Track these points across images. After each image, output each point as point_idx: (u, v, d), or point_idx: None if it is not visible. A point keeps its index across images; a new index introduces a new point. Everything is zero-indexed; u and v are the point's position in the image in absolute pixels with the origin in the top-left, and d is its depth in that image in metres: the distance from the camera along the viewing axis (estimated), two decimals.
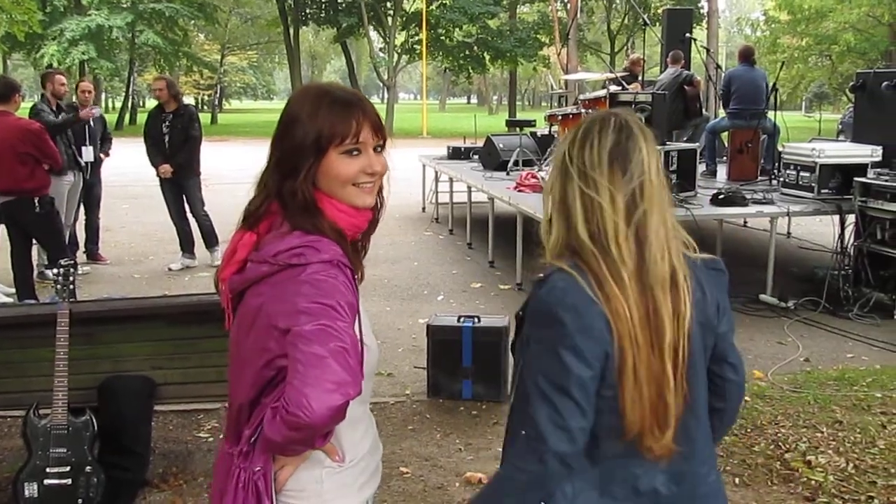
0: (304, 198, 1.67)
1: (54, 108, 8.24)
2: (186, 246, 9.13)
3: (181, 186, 8.91)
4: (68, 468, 3.57)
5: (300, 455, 1.70)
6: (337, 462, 1.74)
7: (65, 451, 3.58)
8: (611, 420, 1.66)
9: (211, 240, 8.96)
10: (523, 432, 1.64)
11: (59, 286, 3.64)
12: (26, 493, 3.53)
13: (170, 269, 8.92)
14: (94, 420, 3.67)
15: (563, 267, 1.66)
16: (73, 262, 3.75)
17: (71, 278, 3.64)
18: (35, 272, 8.33)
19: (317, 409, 1.49)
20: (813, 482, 4.08)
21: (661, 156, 1.74)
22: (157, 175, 8.87)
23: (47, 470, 3.55)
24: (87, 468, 3.59)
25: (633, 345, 1.62)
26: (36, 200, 6.78)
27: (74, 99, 8.68)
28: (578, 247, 1.67)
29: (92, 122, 8.65)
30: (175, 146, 8.74)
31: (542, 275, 1.70)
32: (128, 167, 15.68)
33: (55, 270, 3.71)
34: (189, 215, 9.05)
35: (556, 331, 1.62)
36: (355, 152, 1.70)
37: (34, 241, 7.43)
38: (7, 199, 6.78)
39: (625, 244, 1.65)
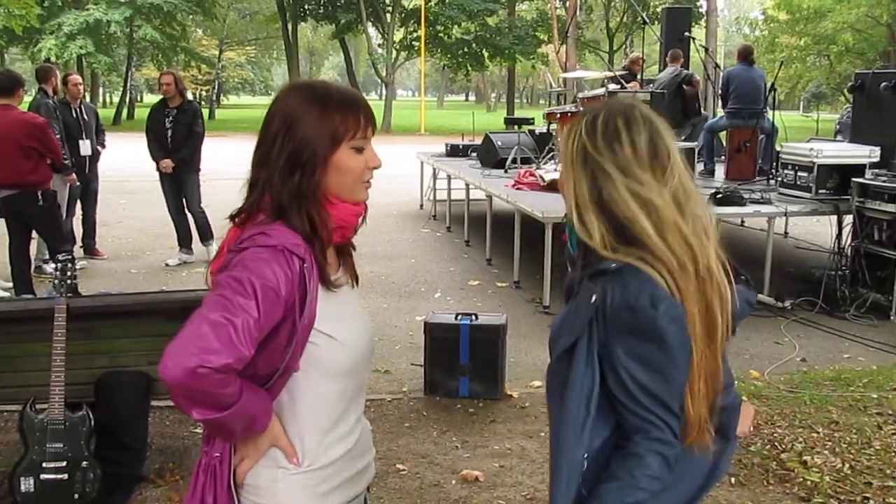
0: (308, 195, 1.67)
1: (55, 103, 8.23)
2: (184, 241, 9.15)
3: (181, 182, 8.93)
4: (65, 463, 3.57)
5: (256, 449, 1.70)
6: (294, 464, 1.72)
7: (61, 446, 3.57)
8: None
9: (206, 234, 8.97)
10: (642, 443, 1.64)
11: (56, 281, 3.63)
12: (22, 487, 3.53)
13: (167, 265, 8.94)
14: (91, 415, 3.67)
15: (636, 264, 1.63)
16: (71, 257, 3.74)
17: (69, 273, 3.63)
18: (33, 266, 8.35)
19: (170, 367, 1.49)
20: (809, 482, 4.09)
21: (680, 147, 1.76)
22: (158, 170, 8.88)
23: (44, 465, 3.55)
24: (84, 463, 3.59)
25: (699, 343, 1.64)
26: (39, 194, 6.78)
27: (65, 95, 8.65)
28: (648, 243, 1.63)
29: (86, 116, 8.64)
30: (178, 141, 8.75)
31: (603, 266, 1.66)
32: (125, 162, 15.67)
33: (53, 265, 3.71)
34: (186, 211, 9.06)
35: (663, 347, 1.60)
36: (362, 148, 1.72)
37: (33, 236, 7.42)
38: (10, 192, 6.77)
39: (683, 239, 1.64)
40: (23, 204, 6.79)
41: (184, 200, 9.00)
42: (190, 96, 10.09)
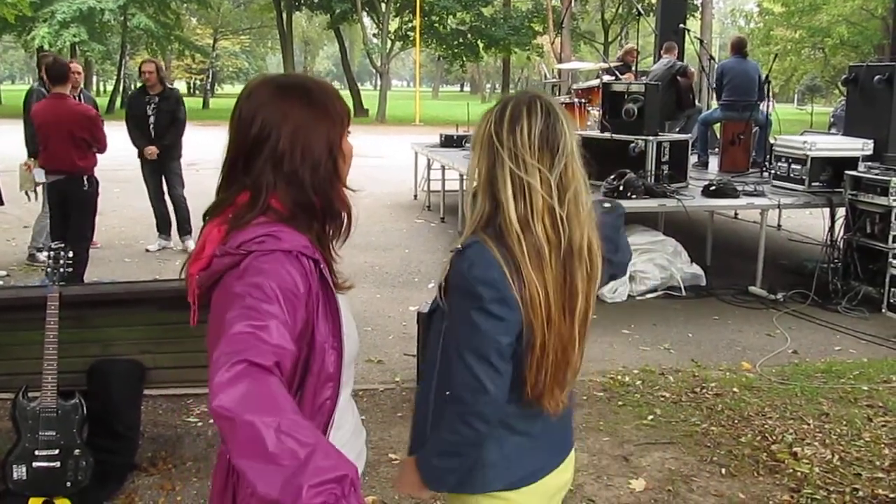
0: (336, 186, 1.71)
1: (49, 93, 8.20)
2: (163, 227, 9.28)
3: (163, 168, 9.00)
4: (57, 451, 3.57)
5: None
6: None
7: (54, 433, 3.58)
8: (516, 382, 1.86)
9: (184, 226, 9.04)
10: (447, 395, 1.83)
11: (49, 269, 3.63)
12: (15, 475, 3.53)
13: (147, 251, 9.08)
14: (84, 403, 3.67)
15: (485, 239, 1.81)
16: (63, 245, 3.73)
17: (62, 261, 3.63)
18: (27, 255, 8.36)
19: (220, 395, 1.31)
20: (799, 473, 4.11)
21: (578, 137, 1.91)
22: (139, 157, 8.95)
23: (36, 452, 3.55)
24: (76, 451, 3.59)
25: (543, 322, 1.81)
26: (85, 178, 6.96)
27: None
28: (505, 226, 1.80)
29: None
30: (161, 128, 8.81)
31: (459, 246, 1.84)
32: (119, 151, 15.60)
33: (46, 253, 3.71)
34: (166, 197, 9.14)
35: (475, 301, 1.78)
36: (349, 132, 1.77)
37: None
38: (58, 177, 6.99)
39: (553, 221, 1.81)
40: (70, 187, 6.96)
41: (164, 187, 9.07)
42: (181, 85, 10.11)
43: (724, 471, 4.16)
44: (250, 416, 1.26)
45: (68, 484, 3.58)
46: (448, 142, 12.39)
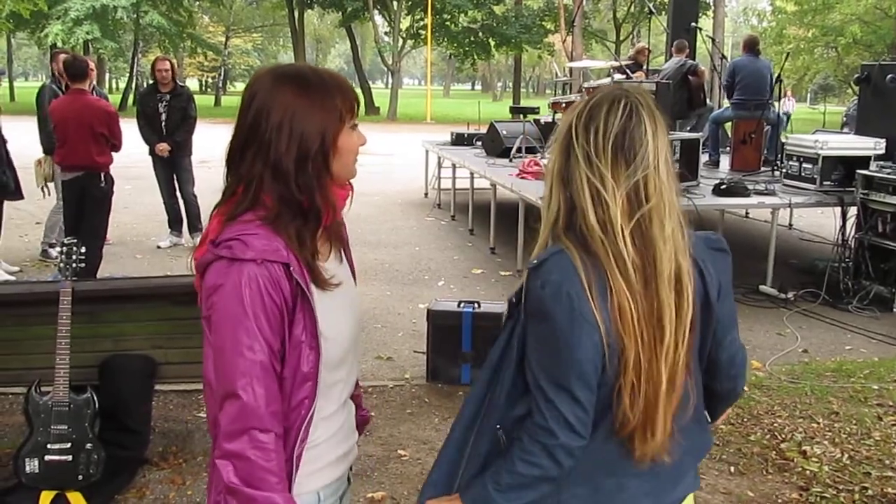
0: (322, 181, 1.67)
1: (63, 90, 8.25)
2: (175, 224, 9.36)
3: (175, 166, 9.08)
4: (69, 445, 3.59)
5: None
6: None
7: (66, 427, 3.60)
8: (604, 416, 1.65)
9: (195, 223, 9.10)
10: (528, 427, 1.64)
11: (62, 264, 3.65)
12: (27, 468, 3.56)
13: (158, 247, 9.15)
14: (95, 398, 3.69)
15: (568, 247, 1.63)
16: (75, 240, 3.76)
17: (74, 257, 3.65)
18: (40, 250, 8.41)
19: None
20: (808, 472, 4.11)
21: (670, 143, 1.69)
22: (151, 154, 9.03)
23: (48, 446, 3.58)
24: (88, 445, 3.61)
25: (636, 341, 1.60)
26: (102, 175, 7.03)
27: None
28: (588, 232, 1.63)
29: None
30: (172, 125, 8.91)
31: (536, 261, 1.65)
32: (131, 147, 15.64)
33: (58, 249, 3.74)
34: (178, 194, 9.21)
35: (552, 326, 1.60)
36: (356, 125, 1.73)
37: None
38: (77, 174, 7.03)
39: (629, 240, 1.61)
40: (88, 183, 7.01)
41: (175, 184, 9.14)
42: (193, 83, 10.20)
43: (732, 469, 4.16)
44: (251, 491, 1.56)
45: (80, 477, 3.61)
46: (459, 140, 12.41)
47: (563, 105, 9.58)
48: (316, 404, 1.69)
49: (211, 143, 10.08)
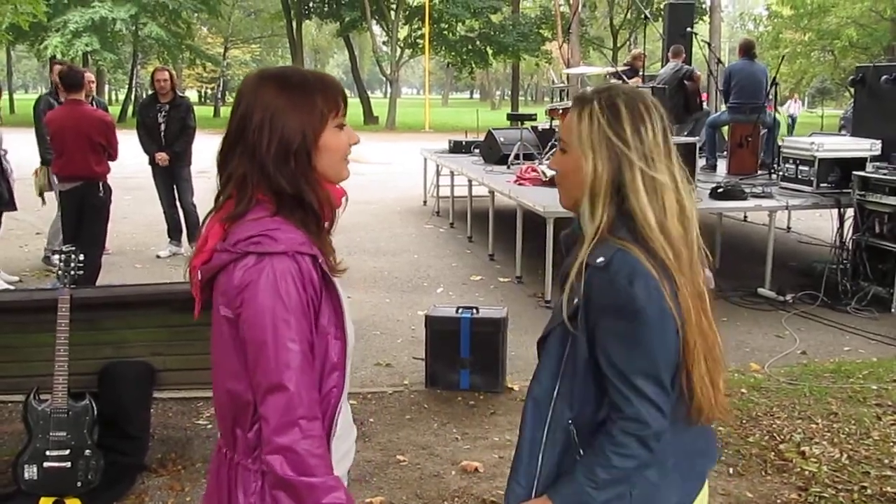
0: (309, 178, 1.68)
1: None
2: (174, 234, 9.38)
3: (174, 176, 9.11)
4: (68, 451, 3.61)
5: None
6: None
7: (65, 434, 3.61)
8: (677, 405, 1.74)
9: (195, 233, 9.08)
10: (617, 421, 1.70)
11: (60, 272, 3.67)
12: (26, 475, 3.57)
13: (158, 257, 9.17)
14: (94, 405, 3.70)
15: (628, 247, 1.67)
16: (74, 248, 3.78)
17: (73, 264, 3.67)
18: (42, 257, 8.43)
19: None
20: (807, 472, 4.11)
21: None
22: (150, 163, 9.06)
23: (47, 453, 3.59)
24: (87, 452, 3.63)
25: (698, 327, 1.71)
26: (100, 184, 7.06)
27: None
28: (646, 232, 1.69)
29: None
30: (172, 135, 8.94)
31: (602, 259, 1.68)
32: (130, 159, 15.67)
33: (58, 256, 3.75)
34: (177, 204, 9.23)
35: (636, 317, 1.65)
36: (343, 125, 1.74)
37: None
38: (75, 184, 7.04)
39: (682, 219, 1.72)
40: (86, 192, 7.04)
41: (175, 194, 9.16)
42: (192, 94, 10.25)
43: (731, 470, 4.16)
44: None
45: (79, 484, 3.62)
46: (457, 148, 12.43)
47: (560, 112, 9.60)
48: (344, 394, 1.72)
49: (210, 154, 10.09)
